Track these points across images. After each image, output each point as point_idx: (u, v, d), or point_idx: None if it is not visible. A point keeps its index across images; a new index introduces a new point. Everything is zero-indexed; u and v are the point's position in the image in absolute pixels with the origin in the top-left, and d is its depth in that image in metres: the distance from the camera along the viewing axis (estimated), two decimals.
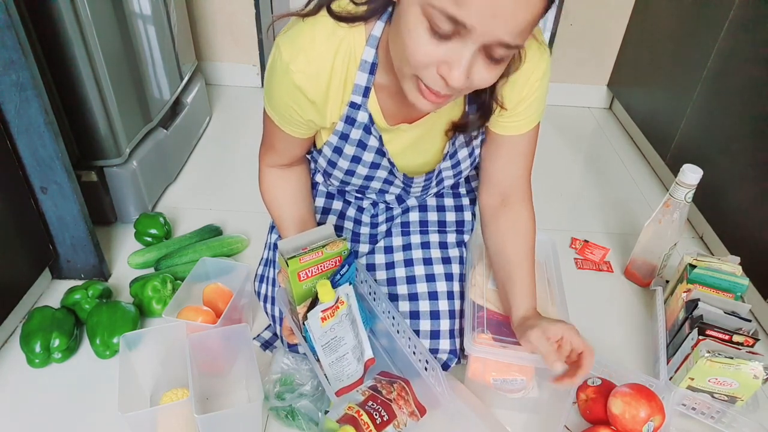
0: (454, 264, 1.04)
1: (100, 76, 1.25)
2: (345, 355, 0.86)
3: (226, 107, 2.14)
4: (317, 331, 0.82)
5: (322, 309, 0.81)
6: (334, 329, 0.84)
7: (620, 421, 0.92)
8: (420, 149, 0.91)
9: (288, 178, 0.99)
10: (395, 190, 0.99)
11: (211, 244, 1.35)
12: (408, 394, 0.84)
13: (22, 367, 1.08)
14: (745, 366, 0.93)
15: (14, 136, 1.06)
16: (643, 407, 0.91)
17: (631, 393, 0.93)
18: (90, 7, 1.17)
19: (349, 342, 0.86)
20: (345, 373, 0.88)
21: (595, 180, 1.83)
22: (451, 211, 1.10)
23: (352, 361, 0.87)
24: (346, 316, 0.85)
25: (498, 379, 0.97)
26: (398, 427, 0.79)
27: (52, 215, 1.18)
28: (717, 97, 1.50)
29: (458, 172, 0.96)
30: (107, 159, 1.35)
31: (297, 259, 0.83)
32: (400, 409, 0.81)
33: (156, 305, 1.16)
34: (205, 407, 1.00)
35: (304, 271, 0.84)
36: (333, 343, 0.84)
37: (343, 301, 0.83)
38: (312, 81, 0.77)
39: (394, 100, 0.83)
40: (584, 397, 1.00)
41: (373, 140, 0.87)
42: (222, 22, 2.13)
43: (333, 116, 0.84)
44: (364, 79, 0.79)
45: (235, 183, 1.69)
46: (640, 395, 0.92)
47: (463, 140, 0.91)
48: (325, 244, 0.86)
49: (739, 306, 1.04)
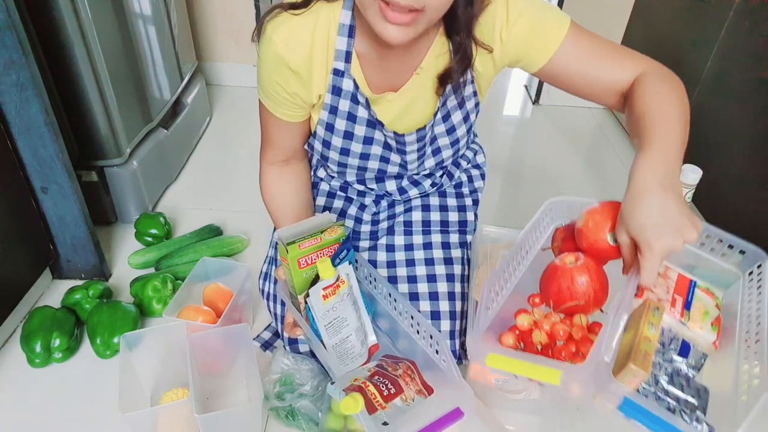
0: (456, 265, 1.03)
1: (100, 76, 1.25)
2: (348, 336, 0.86)
3: (226, 107, 2.14)
4: (319, 309, 0.81)
5: (323, 286, 0.81)
6: (336, 308, 0.83)
7: (584, 235, 0.79)
8: (411, 117, 0.92)
9: (287, 179, 1.00)
10: (393, 168, 1.00)
11: (211, 244, 1.35)
12: (414, 373, 0.82)
13: (23, 366, 1.08)
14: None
15: (15, 136, 1.06)
16: (607, 213, 0.78)
17: (600, 205, 0.81)
18: (90, 7, 1.17)
19: (352, 323, 0.86)
20: (349, 355, 0.87)
21: (595, 180, 1.83)
22: (453, 211, 1.10)
23: (356, 343, 0.87)
24: (347, 295, 0.84)
25: (500, 380, 0.97)
26: (406, 402, 0.77)
27: (52, 215, 1.18)
28: (716, 97, 1.50)
29: (455, 140, 0.96)
30: (108, 159, 1.35)
31: (296, 245, 0.82)
32: (407, 385, 0.79)
33: (156, 305, 1.16)
34: (205, 407, 1.00)
35: (304, 257, 0.84)
36: (336, 323, 0.84)
37: (344, 280, 0.83)
38: (293, 49, 0.81)
39: (376, 68, 0.85)
40: (557, 244, 0.90)
41: (362, 111, 0.88)
42: (222, 22, 2.13)
43: (320, 88, 0.86)
44: (344, 43, 0.82)
45: (235, 183, 1.69)
46: (605, 204, 0.80)
47: (455, 102, 0.91)
48: (323, 230, 0.85)
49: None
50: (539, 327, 0.80)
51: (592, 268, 0.79)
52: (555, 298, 0.80)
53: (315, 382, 0.97)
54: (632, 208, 0.67)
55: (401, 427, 0.71)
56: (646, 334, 0.67)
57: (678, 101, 0.77)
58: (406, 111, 0.90)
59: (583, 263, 0.79)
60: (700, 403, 0.69)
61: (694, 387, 0.70)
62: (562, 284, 0.79)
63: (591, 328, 0.80)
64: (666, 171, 0.68)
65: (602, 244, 0.77)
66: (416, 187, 1.06)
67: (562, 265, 0.80)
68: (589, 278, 0.78)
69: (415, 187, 1.06)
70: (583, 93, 0.88)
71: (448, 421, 0.72)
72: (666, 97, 0.77)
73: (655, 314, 0.72)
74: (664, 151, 0.70)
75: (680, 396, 0.69)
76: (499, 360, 0.72)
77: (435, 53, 0.85)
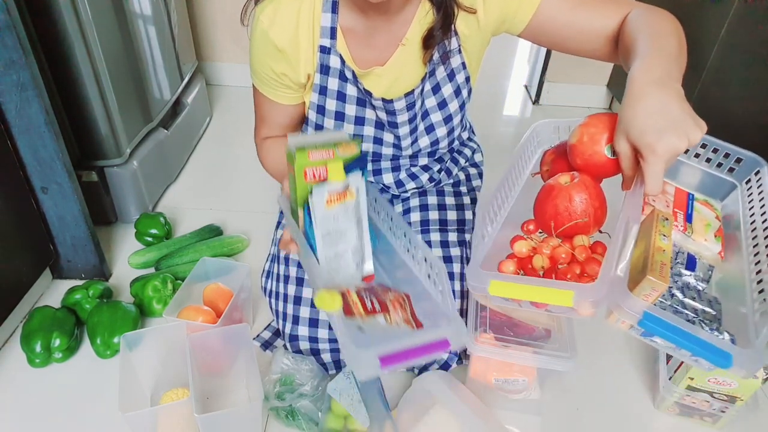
0: (455, 263, 1.03)
1: (100, 76, 1.25)
2: (344, 254, 0.77)
3: (226, 107, 2.14)
4: (320, 212, 0.74)
5: (330, 189, 0.73)
6: (338, 219, 0.75)
7: (579, 150, 0.73)
8: (401, 88, 0.92)
9: (283, 142, 1.00)
10: (387, 150, 1.00)
11: (211, 244, 1.35)
12: (406, 303, 0.75)
13: (23, 366, 1.08)
14: None
15: (15, 136, 1.06)
16: (603, 124, 0.71)
17: (589, 118, 0.74)
18: (90, 7, 1.17)
19: (351, 241, 0.78)
20: (340, 275, 0.77)
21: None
22: (452, 209, 1.10)
23: (351, 264, 0.79)
24: (352, 210, 0.76)
25: (500, 380, 0.97)
26: (390, 323, 0.70)
27: (52, 215, 1.18)
28: (716, 97, 1.50)
29: (447, 116, 0.97)
30: (108, 159, 1.35)
31: (306, 153, 0.73)
32: (395, 310, 0.72)
33: (156, 305, 1.16)
34: (205, 407, 1.00)
35: (311, 169, 0.75)
36: (334, 235, 0.76)
37: (352, 192, 0.75)
38: (278, 26, 0.83)
39: (362, 43, 0.87)
40: (546, 168, 0.84)
41: (351, 88, 0.89)
42: (222, 22, 2.13)
43: (307, 67, 0.88)
44: (329, 19, 0.84)
45: (235, 183, 1.69)
46: (601, 115, 0.73)
47: (445, 73, 0.92)
48: (337, 144, 0.76)
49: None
50: (539, 252, 0.73)
51: (590, 185, 0.72)
52: (553, 220, 0.74)
53: (315, 382, 0.97)
54: (631, 113, 0.62)
55: (380, 342, 0.63)
56: (659, 245, 0.63)
57: (669, 26, 0.74)
58: (395, 83, 0.91)
59: (580, 180, 0.72)
60: (716, 313, 0.66)
61: (705, 299, 0.68)
62: (559, 205, 0.72)
63: (593, 248, 0.73)
64: (663, 72, 0.64)
65: (599, 157, 0.71)
66: (414, 180, 1.07)
67: (557, 185, 0.73)
68: (588, 196, 0.71)
69: (412, 180, 1.07)
70: (573, 46, 0.86)
71: (432, 349, 0.65)
72: (655, 23, 0.75)
73: (665, 225, 0.67)
74: (659, 57, 0.66)
75: (698, 307, 0.66)
76: (503, 287, 0.66)
77: (419, 20, 0.86)
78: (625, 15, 0.80)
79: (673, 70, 0.66)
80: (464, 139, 1.17)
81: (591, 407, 1.06)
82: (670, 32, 0.73)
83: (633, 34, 0.74)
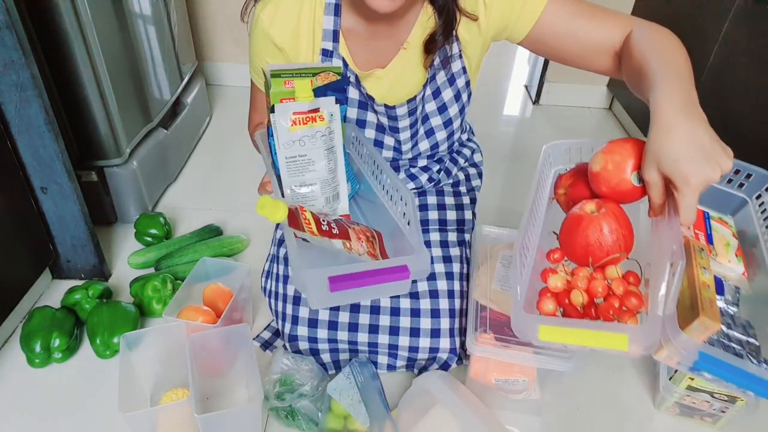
0: (455, 263, 1.03)
1: (100, 76, 1.25)
2: (312, 186, 0.73)
3: (226, 107, 2.14)
4: (283, 134, 0.68)
5: (294, 109, 0.68)
6: (305, 144, 0.70)
7: (604, 178, 0.71)
8: (401, 91, 0.92)
9: None
10: (387, 153, 1.01)
11: (211, 244, 1.35)
12: (375, 239, 0.71)
13: (23, 367, 1.08)
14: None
15: (14, 136, 1.06)
16: (627, 151, 0.70)
17: (611, 145, 0.73)
18: (90, 7, 1.17)
19: (320, 172, 0.72)
20: (307, 207, 0.71)
21: None
22: (451, 209, 1.10)
23: (319, 197, 0.73)
24: (323, 137, 0.71)
25: (500, 380, 0.97)
26: (349, 249, 0.66)
27: (52, 215, 1.18)
28: (716, 97, 1.49)
29: (447, 120, 0.97)
30: (107, 159, 1.35)
31: (282, 81, 0.69)
32: (358, 240, 0.68)
33: (156, 305, 1.16)
34: (205, 407, 1.00)
35: (288, 100, 0.70)
36: (300, 162, 0.71)
37: (323, 117, 0.70)
38: (278, 25, 0.84)
39: (363, 46, 0.87)
40: (563, 191, 0.81)
41: (353, 91, 0.89)
42: (222, 22, 2.13)
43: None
44: (331, 22, 0.84)
45: (235, 183, 1.69)
46: (624, 142, 0.72)
47: (445, 78, 0.92)
48: (316, 72, 0.72)
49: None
50: (575, 286, 0.70)
51: (618, 214, 0.71)
52: (584, 252, 0.71)
53: (315, 382, 0.97)
54: (661, 143, 0.62)
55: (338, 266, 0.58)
56: (703, 280, 0.61)
57: (675, 46, 0.75)
58: (396, 86, 0.91)
59: (608, 210, 0.70)
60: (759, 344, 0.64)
61: (740, 324, 0.66)
62: (590, 236, 0.70)
63: (626, 278, 0.70)
64: (686, 100, 0.65)
65: (626, 185, 0.70)
66: (413, 181, 1.07)
67: (585, 215, 0.71)
68: (618, 225, 0.70)
69: (411, 181, 1.07)
70: (574, 57, 0.86)
71: (389, 274, 0.61)
72: (662, 43, 0.75)
73: (702, 256, 0.65)
74: (678, 81, 0.67)
75: (741, 338, 0.64)
76: (554, 332, 0.63)
77: (421, 24, 0.87)
78: (626, 31, 0.81)
79: (692, 93, 0.67)
80: (463, 140, 1.17)
81: (591, 407, 1.06)
82: (677, 52, 0.74)
83: (642, 55, 0.74)
